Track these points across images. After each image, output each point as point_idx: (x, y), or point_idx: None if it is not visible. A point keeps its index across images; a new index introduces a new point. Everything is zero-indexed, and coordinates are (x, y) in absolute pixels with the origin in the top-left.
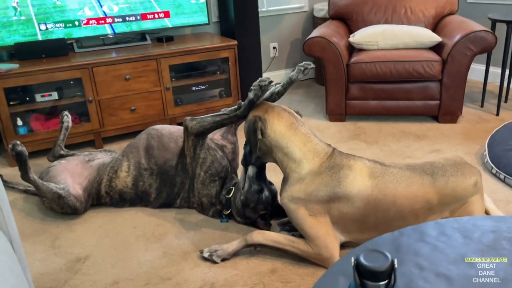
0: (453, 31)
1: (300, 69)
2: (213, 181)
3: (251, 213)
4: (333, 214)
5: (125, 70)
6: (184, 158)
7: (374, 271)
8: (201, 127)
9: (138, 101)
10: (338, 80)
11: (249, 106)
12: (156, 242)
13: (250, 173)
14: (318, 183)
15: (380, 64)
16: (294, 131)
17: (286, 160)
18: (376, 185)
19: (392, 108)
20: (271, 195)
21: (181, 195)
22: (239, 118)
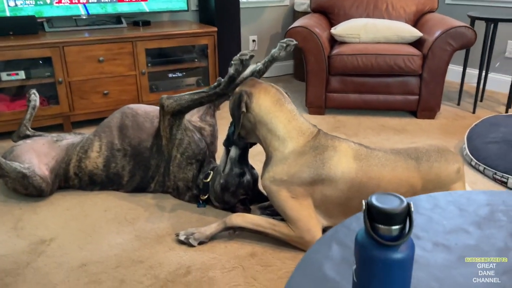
0: (433, 27)
1: (282, 46)
2: (190, 164)
3: (230, 197)
4: (316, 197)
5: (98, 52)
6: (160, 140)
7: (387, 213)
8: (178, 105)
9: (111, 85)
10: (319, 72)
11: (229, 82)
12: (128, 225)
13: (232, 155)
14: (301, 164)
15: (362, 57)
16: (280, 107)
17: (269, 137)
18: (360, 167)
19: (372, 102)
20: (252, 179)
21: (156, 178)
22: (219, 96)
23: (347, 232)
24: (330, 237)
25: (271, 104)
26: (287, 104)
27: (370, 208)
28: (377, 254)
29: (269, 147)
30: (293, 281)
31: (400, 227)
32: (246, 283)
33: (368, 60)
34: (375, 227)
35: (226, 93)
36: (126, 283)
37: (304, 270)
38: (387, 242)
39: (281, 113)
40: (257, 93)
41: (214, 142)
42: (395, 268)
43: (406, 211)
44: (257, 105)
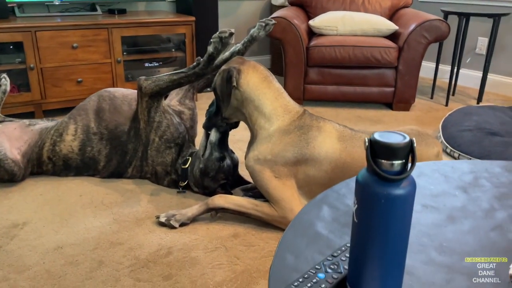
0: (408, 21)
1: (261, 25)
2: (169, 147)
3: (210, 182)
4: (299, 178)
5: (72, 38)
6: (138, 123)
7: (390, 147)
8: (156, 86)
9: (86, 73)
10: (297, 63)
11: (208, 61)
12: (105, 209)
13: (212, 139)
14: (285, 143)
15: (340, 49)
16: (268, 84)
17: (256, 114)
18: (345, 148)
19: (349, 93)
20: (233, 163)
21: (133, 163)
22: (198, 76)
23: (336, 196)
24: (320, 200)
25: (259, 81)
26: (274, 82)
27: (373, 145)
28: (380, 190)
29: (255, 125)
30: (286, 238)
31: (403, 162)
32: (229, 262)
33: (345, 52)
34: (378, 163)
35: (205, 73)
36: (105, 264)
37: (296, 229)
38: (390, 176)
39: (268, 90)
40: (246, 70)
41: (193, 126)
42: (397, 204)
43: (409, 147)
44: (245, 82)
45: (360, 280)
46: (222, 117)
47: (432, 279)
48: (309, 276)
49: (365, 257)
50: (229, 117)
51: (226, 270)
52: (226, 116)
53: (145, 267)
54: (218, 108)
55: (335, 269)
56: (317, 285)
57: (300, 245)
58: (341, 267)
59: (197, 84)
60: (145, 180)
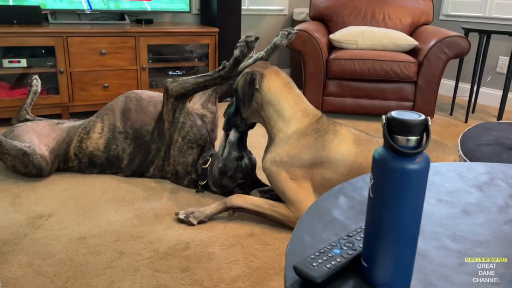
0: (428, 36)
1: (284, 34)
2: (191, 148)
3: (228, 181)
4: (315, 180)
5: (101, 44)
6: (162, 124)
7: (406, 123)
8: (182, 88)
9: (112, 78)
10: (316, 75)
11: (234, 65)
12: (127, 205)
13: (231, 138)
14: (302, 145)
15: (359, 62)
16: (289, 90)
17: (275, 117)
18: (360, 152)
19: (367, 107)
20: (251, 163)
21: (155, 163)
22: (223, 79)
23: (353, 188)
24: (337, 191)
25: (281, 86)
26: (295, 88)
27: (390, 121)
28: (395, 165)
29: (273, 128)
30: (303, 222)
31: (418, 138)
32: (245, 259)
33: (365, 65)
34: (394, 139)
35: (230, 76)
36: (126, 255)
37: (314, 214)
38: (406, 150)
39: (289, 95)
40: (269, 74)
41: (214, 129)
42: (411, 177)
43: (424, 123)
44: (267, 86)
45: (374, 254)
46: (241, 118)
47: (444, 262)
48: (325, 251)
49: (380, 232)
50: (247, 118)
51: (242, 266)
52: (245, 117)
53: (164, 259)
54: (238, 109)
55: (350, 246)
56: (332, 259)
57: (317, 227)
58: (356, 245)
59: (220, 89)
60: (165, 180)
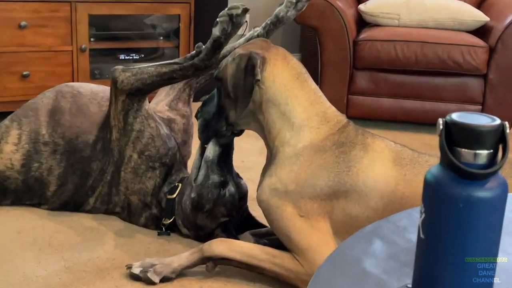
0: (504, 10)
1: (291, 2)
2: (151, 168)
3: (205, 220)
4: (336, 218)
5: (20, 13)
6: (109, 132)
7: (472, 131)
8: (137, 81)
9: (35, 64)
10: (339, 64)
11: (213, 49)
12: (54, 253)
13: (209, 154)
14: (317, 165)
15: (402, 45)
16: (302, 84)
17: (279, 124)
18: (403, 176)
19: (413, 111)
20: (239, 192)
21: (98, 190)
22: (197, 70)
23: (394, 229)
24: (369, 233)
25: (290, 77)
26: (310, 81)
27: (449, 128)
28: (457, 190)
29: (276, 139)
30: (320, 276)
31: (490, 152)
32: None
33: (410, 51)
34: (456, 153)
35: (207, 66)
36: None
37: (335, 265)
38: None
39: (302, 91)
40: (273, 59)
41: (187, 141)
42: (481, 209)
43: (499, 131)
44: (271, 76)
45: None
46: (226, 123)
47: None
48: None
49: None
50: (237, 123)
51: None
52: (233, 122)
53: None
54: (221, 109)
55: None
56: None
57: (340, 285)
58: None
59: (196, 82)
60: (112, 216)
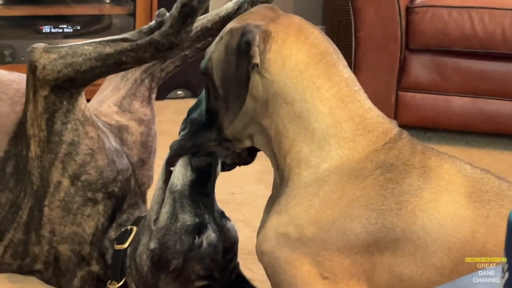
0: None
1: None
2: (91, 201)
3: (172, 284)
4: (378, 281)
5: None
6: (24, 146)
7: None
8: (68, 67)
9: None
10: (384, 42)
11: (181, 17)
12: None
13: (177, 182)
14: (352, 199)
15: (482, 14)
16: (327, 70)
17: (294, 132)
18: (484, 219)
19: (501, 116)
20: (223, 242)
21: (8, 236)
22: (158, 51)
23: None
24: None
25: (309, 59)
26: (341, 66)
27: None
28: None
29: (288, 156)
30: None
31: None
32: None
33: (495, 22)
34: None
35: (174, 44)
36: None
37: None
38: None
39: (328, 82)
40: (282, 33)
41: (147, 160)
42: None
43: None
44: (279, 59)
45: None
46: (220, 136)
47: None
48: None
49: None
50: (234, 135)
51: None
52: (229, 135)
53: None
54: (212, 115)
55: None
56: None
57: None
58: None
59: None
60: (30, 278)
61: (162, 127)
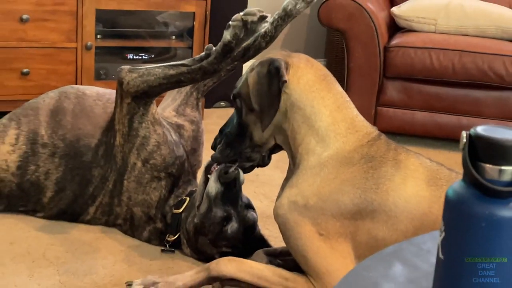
0: None
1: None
2: (157, 179)
3: (207, 246)
4: (360, 240)
5: (22, 5)
6: (112, 137)
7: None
8: (143, 83)
9: (36, 61)
10: (368, 71)
11: (223, 53)
12: (48, 266)
13: (211, 191)
14: (343, 179)
15: (439, 53)
16: (328, 85)
17: (304, 129)
18: (438, 198)
19: (450, 126)
20: (245, 226)
21: (99, 199)
22: (206, 74)
23: (417, 251)
24: (390, 255)
25: (316, 79)
26: (336, 85)
27: (473, 142)
28: (480, 209)
29: (300, 146)
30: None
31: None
32: None
33: (447, 59)
34: (480, 169)
35: (216, 70)
36: None
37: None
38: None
39: (329, 93)
40: (296, 62)
41: (197, 149)
42: (505, 229)
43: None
44: (295, 79)
45: None
46: (251, 143)
47: None
48: None
49: None
50: (262, 140)
51: None
52: (258, 140)
53: None
54: (243, 127)
55: None
56: None
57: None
58: None
59: (204, 85)
60: (113, 229)
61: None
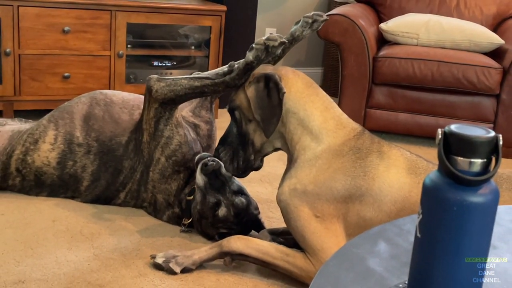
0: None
1: (307, 22)
2: (177, 172)
3: (209, 228)
4: (350, 220)
5: (64, 19)
6: (140, 135)
7: (468, 141)
8: (170, 92)
9: (76, 66)
10: (359, 78)
11: (244, 71)
12: (84, 241)
13: (199, 182)
14: (335, 169)
15: (420, 63)
16: (315, 90)
17: (299, 131)
18: (416, 184)
19: (428, 126)
20: (235, 211)
21: (128, 186)
22: (227, 87)
23: (398, 232)
24: (375, 234)
25: (304, 86)
26: (320, 90)
27: (448, 138)
28: (452, 195)
29: (297, 144)
30: (327, 270)
31: (484, 161)
32: None
33: (427, 69)
34: (453, 161)
35: (236, 85)
36: None
37: (341, 261)
38: (467, 177)
39: (317, 97)
40: (285, 74)
41: (211, 145)
42: (473, 213)
43: (493, 142)
44: (287, 88)
45: None
46: (253, 149)
47: None
48: None
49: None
50: (263, 145)
51: None
52: (259, 146)
53: None
54: (243, 136)
55: None
56: None
57: (344, 280)
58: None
59: None
60: (140, 211)
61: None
